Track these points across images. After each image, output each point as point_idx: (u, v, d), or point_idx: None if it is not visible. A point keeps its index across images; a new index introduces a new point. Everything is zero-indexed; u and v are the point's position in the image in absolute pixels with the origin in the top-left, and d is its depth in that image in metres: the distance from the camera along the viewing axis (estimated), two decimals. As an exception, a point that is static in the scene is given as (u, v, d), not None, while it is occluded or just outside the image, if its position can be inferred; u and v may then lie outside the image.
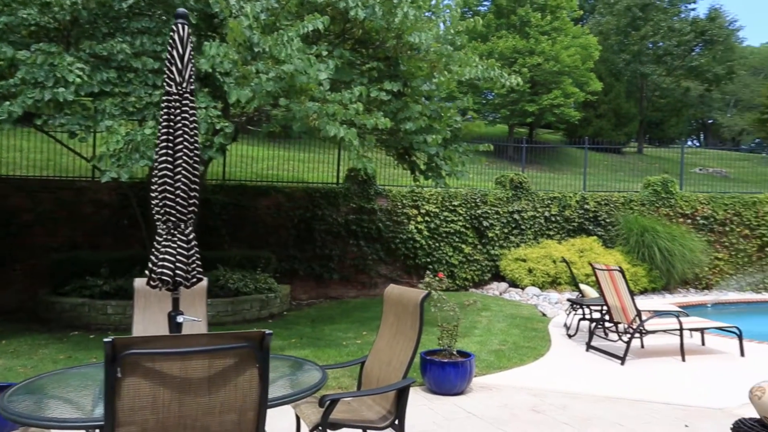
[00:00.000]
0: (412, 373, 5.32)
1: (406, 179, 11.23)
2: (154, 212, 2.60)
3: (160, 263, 2.52)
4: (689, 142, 32.29)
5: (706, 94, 33.87)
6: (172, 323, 2.62)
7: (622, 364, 6.07)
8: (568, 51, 21.20)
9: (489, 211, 11.75)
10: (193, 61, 2.72)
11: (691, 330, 6.74)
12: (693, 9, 32.16)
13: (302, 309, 9.30)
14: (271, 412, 2.10)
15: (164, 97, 2.62)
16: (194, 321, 2.88)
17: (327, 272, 10.51)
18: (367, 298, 10.35)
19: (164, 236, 2.56)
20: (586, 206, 12.42)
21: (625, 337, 6.42)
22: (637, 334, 6.38)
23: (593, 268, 6.95)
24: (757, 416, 2.27)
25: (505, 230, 11.87)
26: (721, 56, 29.25)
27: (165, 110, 2.61)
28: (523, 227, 12.00)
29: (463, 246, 11.46)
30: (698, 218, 12.67)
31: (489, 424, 4.26)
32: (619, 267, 6.44)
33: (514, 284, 11.22)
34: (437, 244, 11.28)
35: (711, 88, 31.48)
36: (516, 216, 11.96)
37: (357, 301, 10.14)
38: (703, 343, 7.08)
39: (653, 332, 6.51)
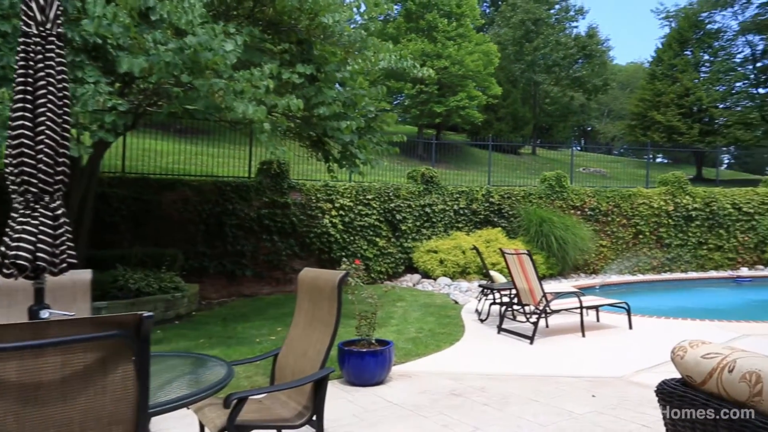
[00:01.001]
0: (330, 365, 4.93)
1: (321, 174, 10.76)
2: (8, 183, 1.99)
3: (15, 244, 1.91)
4: (574, 146, 34.45)
5: (586, 103, 36.09)
6: (33, 320, 2.01)
7: (531, 343, 5.99)
8: (471, 56, 21.62)
9: (402, 205, 11.54)
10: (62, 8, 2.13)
11: (588, 308, 6.81)
12: (575, 26, 34.13)
13: (213, 308, 8.53)
14: (166, 420, 1.59)
15: (21, 40, 2.01)
16: (66, 317, 2.27)
17: (239, 269, 9.79)
18: (282, 295, 9.74)
19: (21, 211, 1.95)
20: (491, 200, 12.56)
21: (533, 318, 6.37)
22: (543, 315, 6.36)
23: (503, 253, 6.85)
24: (679, 376, 2.03)
25: (418, 223, 11.72)
26: (598, 70, 31.22)
27: (22, 56, 2.00)
28: (434, 220, 11.91)
29: (378, 239, 11.17)
30: (586, 210, 13.21)
31: (410, 412, 3.92)
32: (528, 251, 6.37)
33: (426, 275, 11.08)
34: (352, 238, 10.90)
35: (590, 98, 33.54)
36: (427, 209, 11.85)
37: (271, 298, 9.51)
38: (597, 320, 7.22)
39: (557, 312, 6.52)
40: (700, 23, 27.84)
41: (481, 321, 7.27)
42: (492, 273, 8.35)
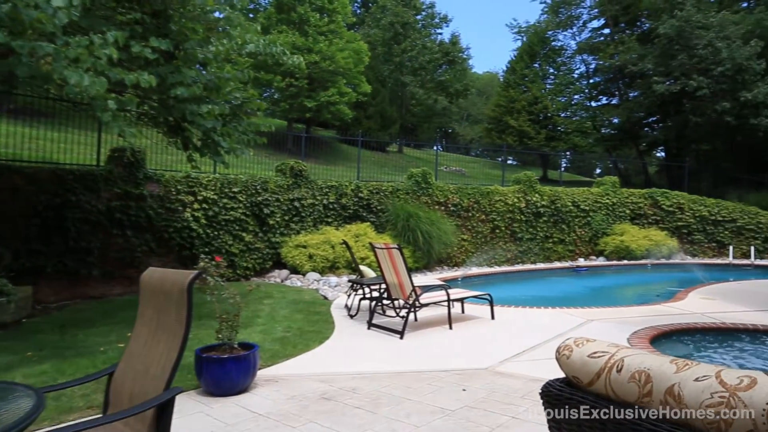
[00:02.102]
0: (185, 376, 4.31)
1: (183, 164, 9.75)
2: None
3: None
4: (437, 147, 36.11)
5: (449, 106, 37.97)
6: None
7: (401, 338, 5.87)
8: (342, 53, 21.42)
9: (270, 199, 10.92)
10: None
11: (455, 300, 6.90)
12: (440, 33, 35.71)
13: (50, 313, 7.26)
14: None
15: None
16: None
17: (85, 268, 8.49)
18: (136, 295, 8.55)
19: None
20: (360, 194, 12.43)
21: (403, 313, 6.27)
22: (413, 309, 6.29)
23: (373, 247, 6.67)
24: (563, 375, 1.88)
25: (286, 218, 11.18)
26: (459, 76, 32.95)
27: None
28: (303, 214, 11.46)
29: (244, 234, 10.44)
30: (449, 205, 13.67)
31: (277, 423, 3.51)
32: (398, 245, 6.25)
33: (295, 271, 10.61)
34: (216, 233, 10.05)
35: (452, 101, 35.31)
36: (296, 203, 11.36)
37: (123, 300, 8.37)
38: (463, 311, 7.36)
39: (426, 305, 6.49)
40: (547, 40, 30.70)
41: (351, 317, 7.04)
42: (362, 267, 8.17)
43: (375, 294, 7.21)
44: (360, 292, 7.53)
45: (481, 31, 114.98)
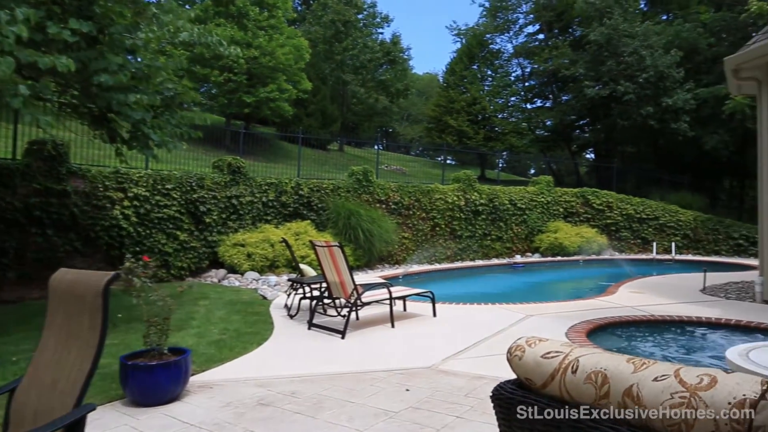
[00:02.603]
0: (109, 385, 3.94)
1: (111, 160, 9.09)
2: None
3: None
4: (375, 146, 36.07)
5: (389, 106, 38.05)
6: None
7: (343, 338, 5.70)
8: (283, 49, 20.87)
9: (206, 196, 10.42)
10: None
11: (397, 298, 6.80)
12: (381, 33, 35.68)
13: (-45, 320, 6.54)
14: None
15: None
16: None
17: (-1, 270, 7.75)
18: (56, 297, 7.94)
19: None
20: (300, 192, 12.13)
21: (344, 312, 6.09)
22: (354, 308, 6.12)
23: (313, 245, 6.45)
24: (514, 376, 1.78)
25: (224, 215, 10.72)
26: (400, 76, 33.06)
27: None
28: (241, 212, 11.03)
29: (179, 233, 9.90)
30: (391, 204, 13.62)
31: (209, 434, 3.24)
32: (339, 243, 6.06)
33: (233, 270, 10.18)
34: (148, 231, 9.47)
35: (393, 101, 35.41)
36: (234, 201, 10.91)
37: (41, 304, 7.60)
38: (405, 309, 7.28)
39: (368, 304, 6.35)
40: (485, 42, 31.38)
41: (291, 317, 6.78)
42: (302, 266, 7.91)
43: (316, 293, 7.00)
44: (300, 291, 7.29)
45: (421, 33, 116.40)
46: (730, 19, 19.66)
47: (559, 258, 14.86)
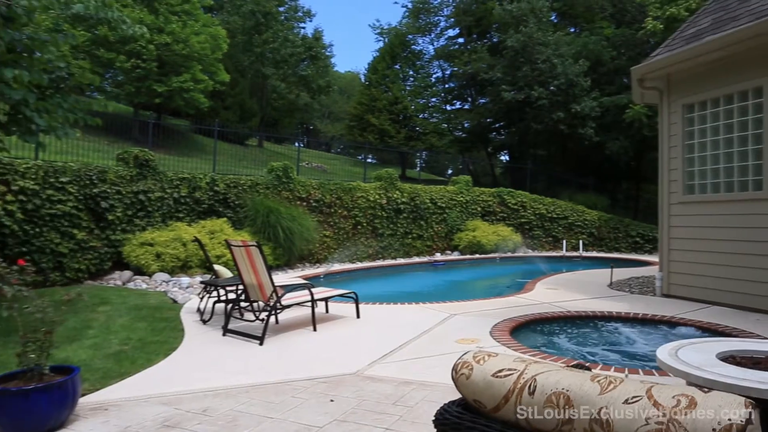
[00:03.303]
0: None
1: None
2: None
3: None
4: (295, 143, 35.18)
5: (310, 102, 37.33)
6: None
7: (261, 344, 5.28)
8: (198, 37, 19.66)
9: (109, 191, 9.46)
10: None
11: (319, 300, 6.46)
12: (303, 27, 34.88)
13: None
14: None
15: None
16: None
17: None
18: None
19: None
20: (216, 188, 11.40)
21: (263, 316, 5.66)
22: (274, 311, 5.71)
23: (229, 245, 5.95)
24: (459, 396, 1.55)
25: (129, 212, 9.80)
26: (322, 72, 32.49)
27: None
28: (150, 209, 10.15)
29: (76, 231, 8.90)
30: (312, 201, 13.22)
31: (100, 469, 2.75)
32: (257, 242, 5.62)
33: (140, 272, 9.33)
34: (38, 230, 8.42)
35: (314, 97, 34.77)
36: (142, 197, 10.02)
37: None
38: (327, 311, 6.96)
39: (289, 307, 5.95)
40: (407, 43, 31.57)
41: (204, 322, 6.24)
42: (216, 267, 7.34)
43: (231, 296, 6.50)
44: (214, 294, 6.75)
45: (343, 31, 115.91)
46: (629, 35, 21.15)
47: (477, 256, 15.16)
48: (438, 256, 15.10)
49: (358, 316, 6.61)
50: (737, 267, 7.05)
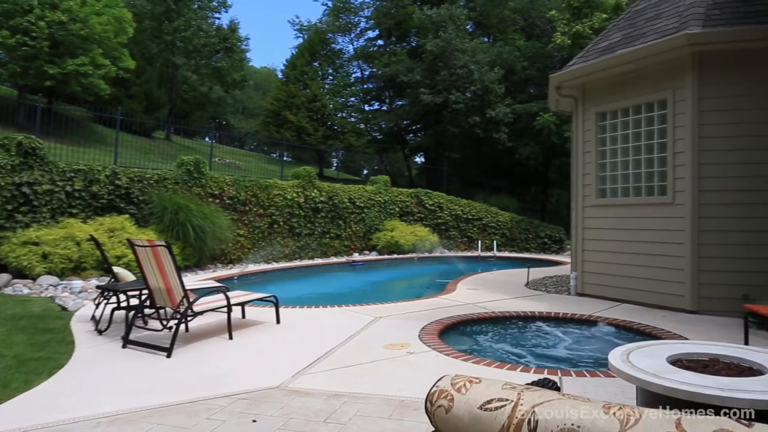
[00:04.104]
0: None
1: None
2: None
3: None
4: (207, 138, 33.31)
5: (224, 96, 35.60)
6: None
7: (169, 356, 4.65)
8: (99, 18, 17.82)
9: (-16, 181, 8.16)
10: None
11: (236, 305, 5.89)
12: (218, 18, 33.15)
13: None
14: None
15: None
16: None
17: None
18: None
19: None
20: (117, 182, 10.30)
21: (171, 324, 5.02)
22: (184, 319, 5.08)
23: (132, 245, 5.22)
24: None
25: (9, 207, 8.54)
26: (237, 65, 31.03)
27: None
28: (36, 203, 8.92)
29: (-61, 227, 7.56)
30: (225, 198, 12.43)
31: None
32: (166, 242, 4.97)
33: (21, 275, 8.14)
34: None
35: (228, 91, 33.18)
36: (26, 189, 8.78)
37: None
38: (243, 316, 6.40)
39: (201, 313, 5.34)
40: (327, 41, 31.01)
41: (100, 332, 5.45)
42: (116, 269, 6.51)
43: (134, 302, 5.75)
44: (113, 300, 5.94)
45: (260, 25, 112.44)
46: (539, 48, 22.25)
47: (395, 256, 15.06)
48: (356, 256, 14.81)
49: (278, 322, 6.12)
50: (643, 267, 7.42)
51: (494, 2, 24.55)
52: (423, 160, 29.70)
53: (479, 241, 16.88)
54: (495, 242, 16.90)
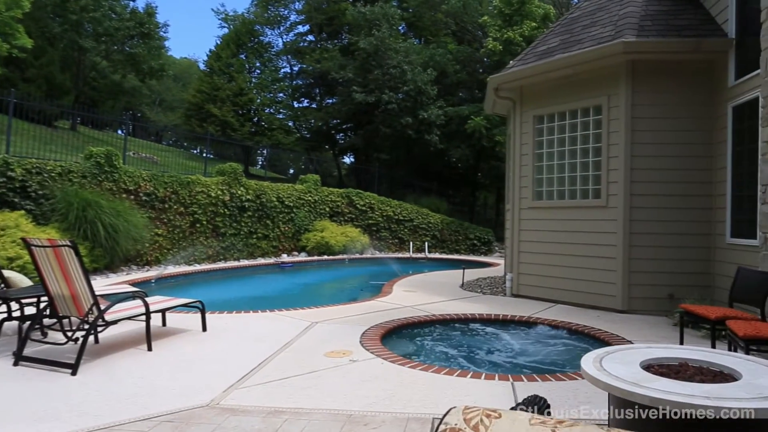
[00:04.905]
0: None
1: None
2: None
3: None
4: (120, 131, 30.91)
5: (139, 86, 33.31)
6: None
7: (74, 373, 4.04)
8: (-11, -13, 15.92)
9: None
10: None
11: (157, 311, 5.29)
12: (133, 0, 30.96)
13: None
14: None
15: None
16: None
17: None
18: None
19: None
20: (10, 174, 9.20)
21: (78, 335, 4.38)
22: (93, 330, 4.45)
23: (28, 245, 4.50)
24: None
25: None
26: (154, 53, 29.10)
27: None
28: None
29: None
30: (141, 195, 11.51)
31: None
32: (71, 241, 4.32)
33: None
34: None
35: (144, 80, 31.08)
36: None
37: None
38: (164, 324, 5.80)
39: (115, 323, 4.72)
40: (255, 33, 29.83)
41: (-12, 347, 4.67)
42: (7, 273, 5.68)
43: (30, 310, 5.00)
44: (3, 308, 5.14)
45: (181, 13, 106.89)
46: (470, 53, 22.73)
47: (326, 257, 14.68)
48: (285, 258, 14.27)
49: (204, 329, 5.59)
50: (578, 268, 7.60)
51: (428, 4, 24.81)
52: (353, 160, 29.43)
53: (411, 243, 16.87)
54: (426, 244, 16.97)
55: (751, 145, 6.17)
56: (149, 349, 4.77)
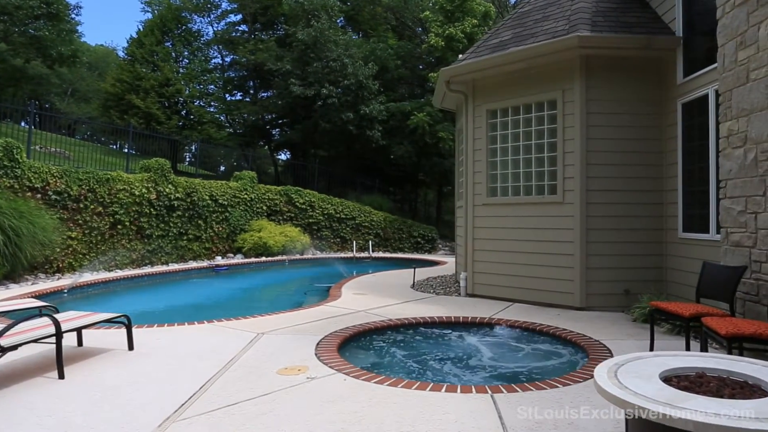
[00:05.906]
0: None
1: None
2: None
3: None
4: (23, 123, 28.15)
5: (47, 74, 30.55)
6: None
7: (-37, 411, 3.28)
8: None
9: None
10: None
11: (69, 331, 4.52)
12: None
13: None
14: None
15: None
16: None
17: None
18: None
19: None
20: None
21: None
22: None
23: None
24: None
25: None
26: (64, 38, 26.71)
27: None
28: None
29: None
30: (50, 193, 10.35)
31: None
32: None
33: None
34: None
35: (53, 67, 28.50)
36: None
37: None
38: (80, 343, 5.03)
39: (15, 348, 3.94)
40: (183, 20, 28.08)
41: None
42: None
43: None
44: None
45: None
46: (411, 48, 22.58)
47: (264, 258, 13.95)
48: (219, 260, 13.40)
49: (131, 348, 4.88)
50: (535, 266, 7.47)
51: (368, -3, 24.41)
52: (289, 156, 28.48)
53: (354, 242, 16.43)
54: (370, 242, 16.58)
55: (701, 141, 6.25)
56: (61, 376, 4.03)
